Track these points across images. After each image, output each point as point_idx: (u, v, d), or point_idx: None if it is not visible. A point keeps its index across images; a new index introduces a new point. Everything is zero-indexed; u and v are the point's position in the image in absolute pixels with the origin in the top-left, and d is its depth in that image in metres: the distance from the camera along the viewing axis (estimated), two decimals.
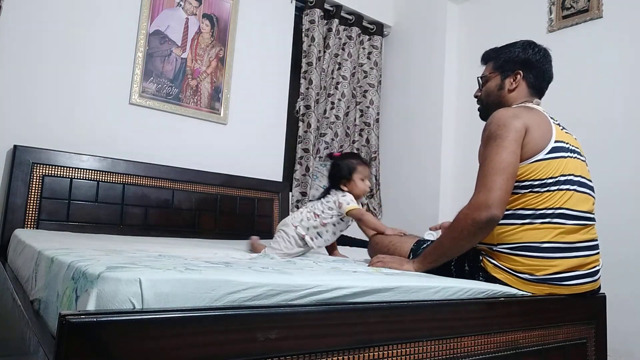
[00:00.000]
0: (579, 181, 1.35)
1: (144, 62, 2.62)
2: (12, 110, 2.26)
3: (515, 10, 3.07)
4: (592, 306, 1.43)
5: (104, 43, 2.51)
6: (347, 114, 3.52)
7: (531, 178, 1.30)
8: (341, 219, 1.83)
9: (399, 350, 0.94)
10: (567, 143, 1.38)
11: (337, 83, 3.44)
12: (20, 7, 2.29)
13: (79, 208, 2.31)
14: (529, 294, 1.27)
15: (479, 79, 1.60)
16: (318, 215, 1.82)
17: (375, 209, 3.57)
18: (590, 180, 1.42)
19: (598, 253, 1.37)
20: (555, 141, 1.33)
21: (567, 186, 1.32)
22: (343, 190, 1.83)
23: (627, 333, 2.21)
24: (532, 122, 1.32)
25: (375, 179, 3.55)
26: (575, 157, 1.38)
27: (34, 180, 2.21)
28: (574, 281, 1.29)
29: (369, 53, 3.65)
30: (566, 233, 1.29)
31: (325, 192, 1.88)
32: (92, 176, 2.37)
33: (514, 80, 1.50)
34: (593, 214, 1.39)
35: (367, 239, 1.86)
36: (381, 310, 0.94)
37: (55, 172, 2.28)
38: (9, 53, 2.26)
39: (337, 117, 3.41)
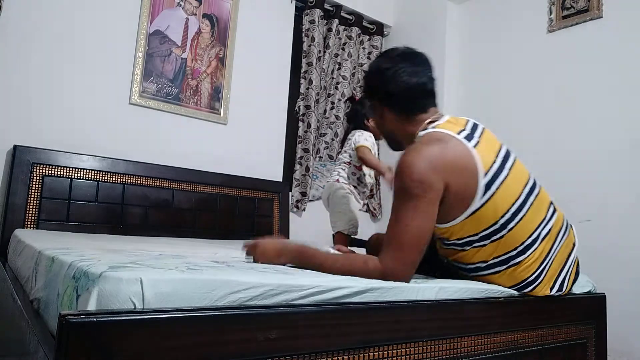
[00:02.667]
0: (527, 193, 1.20)
1: (144, 62, 2.62)
2: (12, 110, 2.26)
3: (515, 10, 3.07)
4: (592, 306, 1.43)
5: (104, 43, 2.51)
6: (348, 109, 3.52)
7: (482, 229, 1.15)
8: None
9: (399, 350, 0.94)
10: (494, 161, 1.16)
11: (337, 83, 3.44)
12: (20, 7, 2.29)
13: (79, 208, 2.31)
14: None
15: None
16: (344, 161, 2.01)
17: (375, 209, 3.57)
18: (526, 173, 1.25)
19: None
20: (485, 174, 1.13)
21: (524, 209, 1.17)
22: (367, 128, 1.90)
23: (627, 333, 2.21)
24: (452, 171, 1.11)
25: (376, 179, 3.55)
26: (510, 168, 1.18)
27: (34, 180, 2.21)
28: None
29: (369, 53, 3.65)
30: (542, 249, 1.21)
31: (346, 134, 1.98)
32: (92, 176, 2.37)
33: (381, 118, 1.33)
34: (548, 203, 1.27)
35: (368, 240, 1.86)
36: (381, 310, 0.94)
37: (55, 172, 2.28)
38: (9, 53, 2.25)
39: (337, 117, 3.41)
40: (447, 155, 1.12)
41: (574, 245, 1.31)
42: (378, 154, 2.19)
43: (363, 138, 1.90)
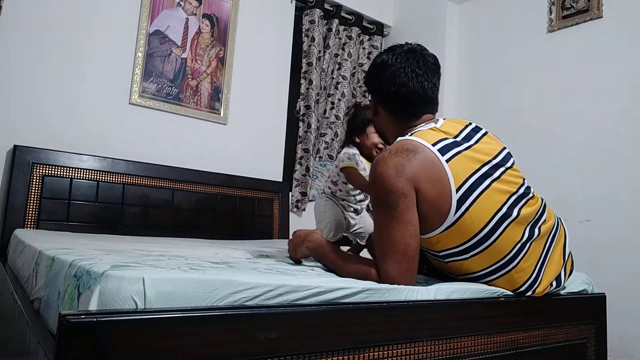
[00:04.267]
0: (512, 202, 1.15)
1: (144, 62, 2.62)
2: (12, 110, 2.26)
3: (515, 10, 3.07)
4: (592, 306, 1.43)
5: (104, 43, 2.51)
6: (347, 114, 3.52)
7: (459, 243, 1.12)
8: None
9: (399, 350, 0.94)
10: (470, 175, 1.12)
11: (337, 83, 3.44)
12: (21, 7, 2.29)
13: (79, 208, 2.31)
14: None
15: None
16: (330, 178, 1.88)
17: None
18: (517, 181, 1.20)
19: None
20: (457, 190, 1.09)
21: (507, 222, 1.13)
22: (355, 144, 1.80)
23: (627, 333, 2.21)
24: (420, 178, 1.09)
25: None
26: (496, 179, 1.15)
27: (34, 180, 2.21)
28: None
29: (369, 53, 3.65)
30: (533, 250, 1.20)
31: (340, 149, 1.89)
32: (92, 176, 2.37)
33: (375, 115, 1.33)
34: (539, 206, 1.23)
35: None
36: (381, 310, 0.94)
37: (55, 172, 2.28)
38: (9, 53, 2.25)
39: (337, 117, 3.41)
40: (413, 164, 1.09)
41: (565, 238, 1.30)
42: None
43: (349, 156, 1.78)
